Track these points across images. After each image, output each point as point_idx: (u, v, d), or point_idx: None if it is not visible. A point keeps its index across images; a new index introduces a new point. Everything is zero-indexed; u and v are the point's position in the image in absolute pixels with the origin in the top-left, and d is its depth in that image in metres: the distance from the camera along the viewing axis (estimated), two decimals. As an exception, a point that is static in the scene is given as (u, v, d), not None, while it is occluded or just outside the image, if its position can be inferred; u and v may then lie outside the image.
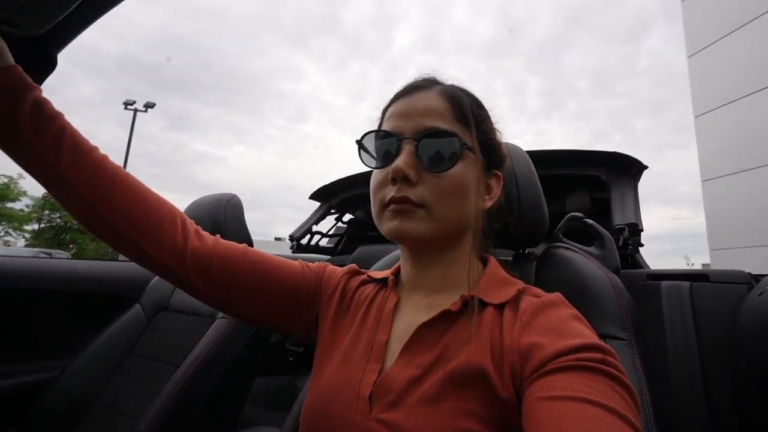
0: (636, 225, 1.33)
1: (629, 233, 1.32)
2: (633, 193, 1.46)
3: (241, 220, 1.24)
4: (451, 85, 0.55)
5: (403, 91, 0.53)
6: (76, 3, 0.51)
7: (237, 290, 0.56)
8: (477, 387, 0.41)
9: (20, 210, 18.66)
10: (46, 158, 0.49)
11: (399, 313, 0.53)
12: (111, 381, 1.15)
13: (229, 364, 1.03)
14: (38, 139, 0.49)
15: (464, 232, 0.52)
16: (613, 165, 1.55)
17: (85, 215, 0.52)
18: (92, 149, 0.52)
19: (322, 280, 0.61)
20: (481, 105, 0.55)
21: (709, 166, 7.08)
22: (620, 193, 1.47)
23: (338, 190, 2.28)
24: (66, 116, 0.53)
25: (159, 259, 0.53)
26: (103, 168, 0.52)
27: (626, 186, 1.49)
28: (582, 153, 1.55)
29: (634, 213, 1.37)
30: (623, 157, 1.50)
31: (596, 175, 1.56)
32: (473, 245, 0.53)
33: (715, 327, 0.76)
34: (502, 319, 0.45)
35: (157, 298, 1.30)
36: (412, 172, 0.47)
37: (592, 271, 0.63)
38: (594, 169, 1.57)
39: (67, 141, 0.50)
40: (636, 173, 1.52)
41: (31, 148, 0.49)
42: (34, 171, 0.51)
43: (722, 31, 6.90)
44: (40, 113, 0.50)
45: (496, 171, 0.55)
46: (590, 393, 0.34)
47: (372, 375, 0.46)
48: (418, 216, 0.47)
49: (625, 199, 1.43)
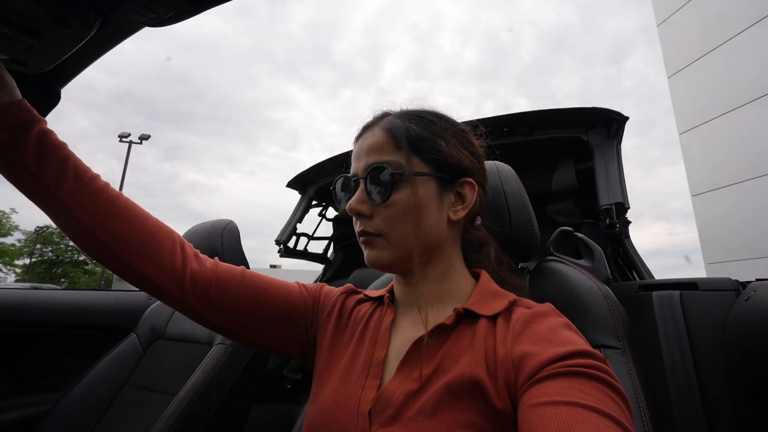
0: (622, 204, 1.31)
1: (616, 213, 1.31)
2: (616, 159, 1.42)
3: (238, 246, 1.25)
4: (401, 112, 0.56)
5: (358, 133, 0.57)
6: (80, 44, 0.54)
7: (236, 312, 0.57)
8: (474, 398, 0.41)
9: (11, 245, 18.42)
10: (49, 186, 0.51)
11: (395, 330, 0.54)
12: (107, 412, 1.12)
13: (226, 392, 1.01)
14: (42, 167, 0.51)
15: (438, 247, 0.53)
16: (593, 121, 1.48)
17: (86, 241, 0.53)
18: (94, 177, 0.54)
19: (319, 300, 0.62)
20: (431, 125, 0.54)
21: (697, 180, 7.21)
22: (603, 161, 1.42)
23: (316, 177, 2.10)
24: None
25: (158, 283, 0.54)
26: (104, 195, 0.53)
27: (609, 151, 1.43)
28: (559, 111, 1.49)
29: (620, 188, 1.34)
30: (602, 111, 1.44)
31: (577, 137, 1.50)
32: (458, 257, 0.55)
33: (707, 334, 0.78)
34: (495, 330, 0.46)
35: (153, 326, 1.28)
36: (365, 207, 0.52)
37: (584, 282, 0.65)
38: (574, 130, 1.51)
39: (70, 169, 0.52)
40: (618, 129, 1.45)
41: (35, 176, 0.51)
42: (37, 198, 0.53)
43: (699, 52, 7.19)
44: (44, 143, 0.52)
45: (465, 179, 0.53)
46: (582, 398, 0.34)
47: (371, 391, 0.47)
48: (378, 244, 0.52)
49: (609, 171, 1.39)
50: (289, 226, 2.12)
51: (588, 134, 1.49)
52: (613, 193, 1.34)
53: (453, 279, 0.54)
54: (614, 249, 1.58)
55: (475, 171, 0.55)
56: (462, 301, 0.51)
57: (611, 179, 1.37)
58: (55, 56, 0.56)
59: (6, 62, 0.55)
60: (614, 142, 1.46)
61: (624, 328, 0.58)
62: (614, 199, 1.32)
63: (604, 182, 1.38)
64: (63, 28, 0.50)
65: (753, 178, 6.22)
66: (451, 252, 0.55)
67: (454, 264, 0.55)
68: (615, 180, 1.37)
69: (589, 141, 1.49)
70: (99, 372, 1.19)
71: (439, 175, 0.52)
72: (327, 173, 2.03)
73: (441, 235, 0.52)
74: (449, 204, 0.53)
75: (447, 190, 0.53)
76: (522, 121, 1.52)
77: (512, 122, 1.53)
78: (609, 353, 0.55)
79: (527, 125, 1.53)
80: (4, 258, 18.08)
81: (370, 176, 0.51)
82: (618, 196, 1.32)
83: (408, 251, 0.50)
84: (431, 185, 0.52)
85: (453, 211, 0.53)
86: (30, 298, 1.32)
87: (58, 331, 1.35)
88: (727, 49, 6.77)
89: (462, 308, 0.49)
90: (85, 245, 0.53)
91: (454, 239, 0.55)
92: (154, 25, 0.54)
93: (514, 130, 1.55)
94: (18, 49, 0.53)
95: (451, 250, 0.55)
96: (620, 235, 1.42)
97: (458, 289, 0.54)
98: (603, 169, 1.41)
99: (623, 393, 0.37)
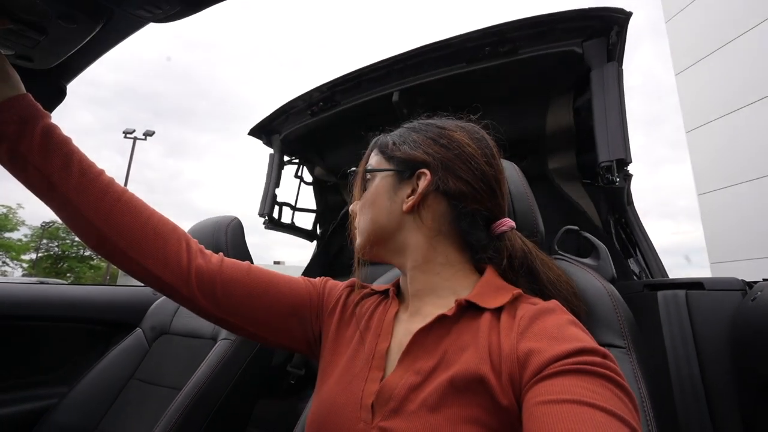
0: (623, 161, 1.14)
1: (617, 168, 1.14)
2: (618, 91, 1.19)
3: (242, 243, 1.26)
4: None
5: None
6: (85, 40, 0.54)
7: (242, 307, 0.57)
8: (477, 393, 0.41)
9: (18, 240, 18.60)
10: (53, 181, 0.51)
11: (399, 322, 0.54)
12: (112, 407, 1.14)
13: (230, 387, 1.02)
14: (47, 162, 0.51)
15: (394, 235, 0.56)
16: (588, 28, 1.23)
17: (91, 237, 0.53)
18: (99, 173, 0.54)
19: (323, 294, 0.62)
20: (406, 131, 0.60)
21: (704, 179, 7.15)
22: (603, 94, 1.19)
23: (281, 124, 1.78)
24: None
25: (164, 279, 0.54)
26: (109, 191, 0.53)
27: (610, 79, 1.19)
28: (547, 18, 1.25)
29: (621, 138, 1.14)
30: (597, 12, 1.19)
31: (571, 50, 1.27)
32: (446, 251, 0.55)
33: (713, 334, 0.77)
34: (499, 325, 0.46)
35: (158, 321, 1.29)
36: (354, 208, 0.63)
37: (589, 281, 0.64)
38: (566, 42, 1.27)
39: (75, 165, 0.52)
40: (619, 35, 1.20)
41: (39, 171, 0.51)
42: (41, 193, 0.53)
43: (707, 49, 7.11)
44: (49, 138, 0.52)
45: (420, 171, 0.54)
46: (588, 396, 0.34)
47: (374, 384, 0.47)
48: (356, 235, 0.60)
49: (609, 113, 1.17)
50: (268, 193, 1.84)
51: (583, 47, 1.25)
52: (614, 144, 1.14)
53: (440, 271, 0.54)
54: (615, 220, 1.43)
55: (438, 162, 0.54)
56: (464, 294, 0.51)
57: (612, 124, 1.16)
58: (60, 52, 0.57)
59: (12, 58, 0.56)
60: (615, 65, 1.22)
61: (629, 327, 0.58)
62: (615, 154, 1.13)
63: (603, 129, 1.17)
64: (68, 24, 0.50)
65: (760, 177, 6.16)
66: (427, 243, 0.54)
67: (438, 256, 0.54)
68: (616, 125, 1.15)
69: (585, 56, 1.24)
70: (105, 366, 1.20)
71: (396, 169, 0.57)
72: (293, 119, 1.74)
73: (392, 225, 0.56)
74: (404, 195, 0.55)
75: (404, 184, 0.56)
76: (505, 36, 1.32)
77: (493, 38, 1.34)
78: (614, 352, 0.55)
79: (510, 41, 1.32)
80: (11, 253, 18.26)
81: (351, 181, 0.63)
82: (620, 149, 1.13)
83: (367, 238, 0.58)
84: (388, 180, 0.57)
85: (405, 201, 0.55)
86: (37, 292, 1.34)
87: (64, 326, 1.36)
88: (734, 47, 6.69)
89: (464, 300, 0.48)
90: (90, 241, 0.54)
91: (419, 229, 0.55)
92: (159, 21, 0.54)
93: (496, 49, 1.35)
94: (24, 45, 0.53)
95: (422, 240, 0.54)
96: (621, 201, 1.27)
97: (453, 281, 0.53)
98: (602, 107, 1.18)
99: (630, 391, 0.36)
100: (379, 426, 0.43)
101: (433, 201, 0.54)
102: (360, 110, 1.63)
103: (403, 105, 1.51)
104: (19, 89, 0.52)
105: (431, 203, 0.54)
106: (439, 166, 0.54)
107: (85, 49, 0.58)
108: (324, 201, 2.21)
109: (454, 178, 0.53)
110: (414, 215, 0.55)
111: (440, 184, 0.53)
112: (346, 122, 1.71)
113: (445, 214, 0.54)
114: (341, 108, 1.64)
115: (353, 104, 1.61)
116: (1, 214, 17.25)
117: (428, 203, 0.54)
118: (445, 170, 0.54)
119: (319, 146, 2.00)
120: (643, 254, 1.33)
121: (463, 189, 0.53)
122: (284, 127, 1.80)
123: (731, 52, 6.75)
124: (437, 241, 0.54)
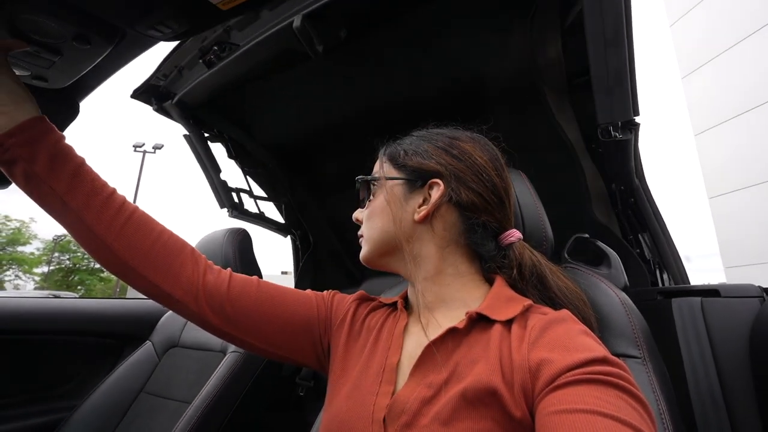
0: (631, 122, 0.80)
1: (622, 128, 0.81)
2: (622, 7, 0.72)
3: (251, 254, 1.26)
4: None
5: None
6: (98, 60, 0.56)
7: (251, 323, 0.57)
8: (490, 406, 0.41)
9: (30, 253, 18.89)
10: (66, 200, 0.52)
11: (409, 335, 0.54)
12: (122, 420, 1.14)
13: (240, 400, 1.02)
14: (60, 182, 0.52)
15: (403, 245, 0.55)
16: None
17: (102, 254, 0.54)
18: (111, 192, 0.55)
19: (332, 308, 0.62)
20: (416, 139, 0.60)
21: (714, 183, 7.06)
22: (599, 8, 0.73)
23: (174, 80, 1.22)
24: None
25: (174, 296, 0.54)
26: (122, 210, 0.54)
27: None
28: None
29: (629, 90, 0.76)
30: None
31: None
32: (456, 262, 0.55)
33: (731, 342, 0.75)
34: (510, 336, 0.45)
35: (168, 334, 1.30)
36: (360, 215, 0.63)
37: (602, 290, 0.63)
38: None
39: (88, 185, 0.53)
40: None
41: (53, 191, 0.52)
42: (55, 212, 0.53)
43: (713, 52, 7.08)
44: (63, 159, 0.53)
45: (432, 180, 0.55)
46: (602, 405, 0.34)
47: (385, 398, 0.47)
48: (362, 243, 0.60)
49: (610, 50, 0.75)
50: (214, 182, 1.45)
51: None
52: (621, 100, 0.77)
53: (450, 283, 0.54)
54: (622, 200, 1.11)
55: (450, 173, 0.54)
56: (473, 305, 0.51)
57: (613, 64, 0.74)
58: (74, 72, 0.58)
59: (27, 78, 0.57)
60: None
61: (644, 336, 0.57)
62: (621, 115, 0.78)
63: (602, 69, 0.76)
64: (83, 45, 0.51)
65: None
66: (438, 254, 0.54)
67: (448, 267, 0.54)
68: (620, 63, 0.74)
69: None
70: (116, 379, 1.20)
71: (408, 178, 0.56)
72: (187, 75, 1.20)
73: (403, 235, 0.55)
74: (415, 205, 0.55)
75: (415, 193, 0.56)
76: None
77: None
78: (629, 362, 0.54)
79: None
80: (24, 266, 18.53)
81: (359, 188, 0.63)
82: (627, 109, 0.78)
83: (376, 248, 0.58)
84: (398, 189, 0.57)
85: (417, 211, 0.55)
86: (49, 306, 1.35)
87: (75, 339, 1.38)
88: (741, 49, 6.65)
89: (475, 312, 0.48)
90: (101, 258, 0.54)
91: (431, 240, 0.55)
92: (169, 39, 0.56)
93: None
94: (39, 65, 0.54)
95: (434, 250, 0.54)
96: (624, 165, 0.97)
97: (463, 293, 0.53)
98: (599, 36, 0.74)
99: (644, 401, 0.36)
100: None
101: (445, 212, 0.55)
102: (266, 53, 1.05)
103: (312, 34, 0.93)
104: (35, 112, 0.53)
105: (443, 213, 0.55)
106: (452, 176, 0.54)
107: (98, 69, 0.60)
108: (272, 186, 1.66)
109: (466, 189, 0.54)
110: (426, 225, 0.55)
111: (453, 195, 0.54)
112: (256, 73, 1.16)
113: (455, 225, 0.55)
114: (243, 51, 1.05)
115: (255, 44, 1.02)
116: (15, 229, 17.55)
117: (440, 213, 0.55)
118: (457, 181, 0.54)
119: (234, 112, 1.45)
120: (656, 243, 1.13)
121: (474, 200, 0.54)
122: (178, 86, 1.25)
123: (738, 54, 6.71)
124: (448, 252, 0.55)
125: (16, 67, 0.54)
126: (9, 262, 18.07)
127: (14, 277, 19.02)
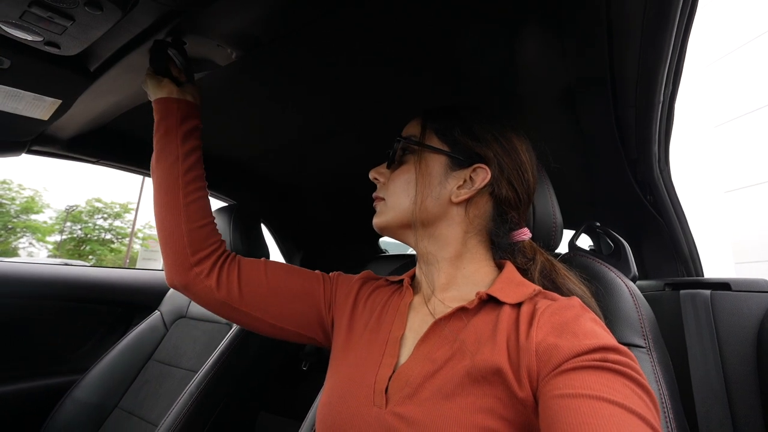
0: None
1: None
2: None
3: (258, 229, 1.27)
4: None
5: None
6: (110, 26, 0.55)
7: (260, 302, 0.59)
8: (494, 384, 0.41)
9: (43, 222, 19.25)
10: (180, 155, 0.62)
11: (414, 311, 0.54)
12: (131, 387, 1.18)
13: (245, 371, 1.04)
14: (184, 146, 0.62)
15: (434, 223, 0.54)
16: None
17: (170, 207, 0.61)
18: (201, 174, 0.64)
19: (337, 285, 0.63)
20: (466, 114, 0.57)
21: (731, 176, 6.91)
22: None
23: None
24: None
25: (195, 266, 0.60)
26: (201, 189, 0.63)
27: None
28: None
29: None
30: None
31: None
32: (476, 246, 0.55)
33: (739, 337, 0.74)
34: (518, 319, 0.45)
35: (176, 305, 1.33)
36: (380, 175, 0.59)
37: (610, 279, 0.63)
38: None
39: (196, 156, 0.64)
40: None
41: (177, 148, 0.62)
42: (163, 161, 0.62)
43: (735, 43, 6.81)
44: (195, 134, 0.64)
45: (478, 165, 0.53)
46: (607, 392, 0.34)
47: (387, 369, 0.47)
48: (380, 208, 0.57)
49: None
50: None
51: None
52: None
53: (466, 266, 0.54)
54: (641, 186, 0.97)
55: (496, 163, 0.54)
56: (483, 288, 0.51)
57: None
58: (86, 38, 0.57)
59: (40, 44, 0.57)
60: None
61: (650, 326, 0.57)
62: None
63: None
64: (94, 10, 0.50)
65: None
66: (461, 237, 0.54)
67: (467, 252, 0.54)
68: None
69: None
70: (125, 346, 1.24)
71: (451, 154, 0.54)
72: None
73: (436, 212, 0.53)
74: (455, 184, 0.53)
75: (457, 171, 0.54)
76: None
77: None
78: (634, 352, 0.54)
79: None
80: (37, 234, 18.93)
81: (393, 147, 0.58)
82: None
83: (401, 218, 0.54)
84: (440, 161, 0.54)
85: (456, 192, 0.53)
86: (61, 273, 1.39)
87: (87, 306, 1.41)
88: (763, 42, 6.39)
89: (485, 293, 0.48)
90: (166, 204, 0.61)
91: (460, 223, 0.54)
92: (180, 7, 0.55)
93: None
94: (52, 31, 0.54)
95: (460, 234, 0.54)
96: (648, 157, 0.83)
97: (476, 276, 0.54)
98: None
99: (650, 390, 0.36)
100: (393, 411, 0.43)
101: (480, 199, 0.54)
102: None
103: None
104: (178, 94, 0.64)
105: (479, 200, 0.54)
106: (497, 167, 0.54)
107: (110, 36, 0.59)
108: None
109: (507, 183, 0.54)
110: (460, 208, 0.54)
111: (495, 186, 0.54)
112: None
113: (486, 214, 0.55)
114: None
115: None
116: (29, 197, 17.86)
117: (476, 199, 0.54)
118: (500, 173, 0.54)
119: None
120: (672, 233, 1.06)
121: (510, 196, 0.54)
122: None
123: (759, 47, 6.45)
124: (469, 237, 0.55)
125: (30, 33, 0.54)
126: (23, 229, 18.44)
127: (28, 244, 19.44)
